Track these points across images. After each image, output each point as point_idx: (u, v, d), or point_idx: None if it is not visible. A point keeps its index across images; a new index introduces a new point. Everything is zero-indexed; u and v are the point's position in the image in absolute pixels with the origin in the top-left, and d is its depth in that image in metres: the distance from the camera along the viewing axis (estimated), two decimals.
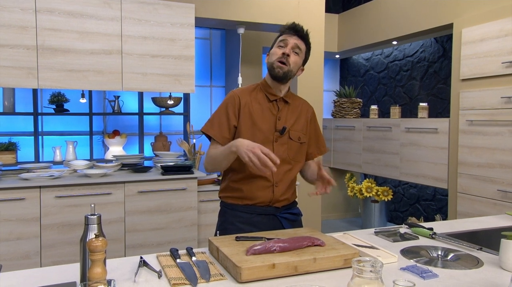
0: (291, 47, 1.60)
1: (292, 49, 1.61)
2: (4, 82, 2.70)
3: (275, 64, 1.60)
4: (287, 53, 1.58)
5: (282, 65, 1.59)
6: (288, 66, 1.59)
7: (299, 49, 1.62)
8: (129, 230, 2.97)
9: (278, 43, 1.63)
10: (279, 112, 1.66)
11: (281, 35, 1.64)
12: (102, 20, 2.90)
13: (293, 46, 1.61)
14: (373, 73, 5.33)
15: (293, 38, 1.61)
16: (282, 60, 1.58)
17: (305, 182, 3.65)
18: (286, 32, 1.62)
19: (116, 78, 2.98)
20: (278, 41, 1.64)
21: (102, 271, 1.10)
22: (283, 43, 1.62)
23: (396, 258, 1.36)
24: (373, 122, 4.51)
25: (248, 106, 1.63)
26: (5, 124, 3.59)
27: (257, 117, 1.62)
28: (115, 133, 3.82)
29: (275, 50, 1.63)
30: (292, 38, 1.61)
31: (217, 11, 3.31)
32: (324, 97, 5.70)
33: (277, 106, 1.66)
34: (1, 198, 2.62)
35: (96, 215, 1.16)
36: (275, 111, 1.65)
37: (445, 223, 1.92)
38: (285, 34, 1.63)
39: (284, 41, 1.61)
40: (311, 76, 3.74)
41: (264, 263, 1.22)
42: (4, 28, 2.67)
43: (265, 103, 1.65)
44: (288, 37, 1.61)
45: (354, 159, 4.78)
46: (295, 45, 1.61)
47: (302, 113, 1.72)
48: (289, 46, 1.60)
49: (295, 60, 1.62)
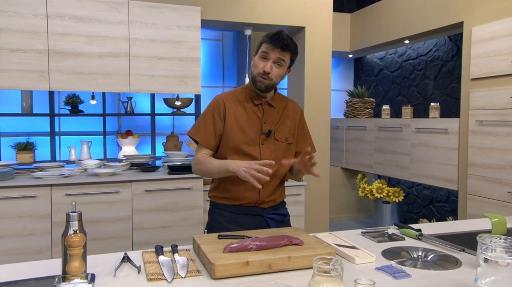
0: (273, 61, 1.58)
1: (275, 62, 1.58)
2: (18, 84, 2.84)
3: (257, 78, 1.60)
4: (268, 71, 1.57)
5: (264, 79, 1.59)
6: (270, 81, 1.60)
7: (282, 61, 1.59)
8: (136, 228, 3.06)
9: (260, 54, 1.60)
10: (264, 115, 1.67)
11: (264, 42, 1.59)
12: (110, 24, 3.01)
13: (275, 60, 1.58)
14: (387, 72, 5.27)
15: (275, 51, 1.56)
16: (263, 76, 1.59)
17: (313, 184, 3.69)
18: (269, 42, 1.57)
19: (124, 80, 3.08)
20: (260, 51, 1.60)
21: (80, 265, 1.16)
22: (265, 55, 1.58)
23: (374, 258, 1.37)
24: (384, 122, 4.46)
25: (233, 110, 1.66)
26: (23, 124, 3.75)
27: (242, 121, 1.65)
28: (127, 133, 3.93)
29: (257, 62, 1.60)
30: (274, 52, 1.56)
31: (223, 13, 3.37)
32: (338, 97, 5.68)
33: (262, 109, 1.68)
34: (14, 195, 2.76)
35: (77, 212, 1.23)
36: (260, 115, 1.67)
37: (437, 224, 1.91)
38: (267, 44, 1.57)
39: (266, 53, 1.58)
40: (318, 76, 3.74)
41: (238, 260, 1.26)
42: (18, 34, 2.80)
43: (250, 106, 1.67)
44: (270, 49, 1.57)
45: (366, 160, 4.74)
46: (277, 59, 1.58)
47: (289, 114, 1.73)
48: (271, 60, 1.57)
49: (278, 72, 1.60)
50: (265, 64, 1.58)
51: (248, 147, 1.64)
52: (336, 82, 5.73)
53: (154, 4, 3.11)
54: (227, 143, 1.65)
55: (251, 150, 1.64)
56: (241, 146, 1.63)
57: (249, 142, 1.64)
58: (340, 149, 5.20)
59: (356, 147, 4.91)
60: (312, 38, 3.69)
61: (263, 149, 1.65)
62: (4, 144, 3.60)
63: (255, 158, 1.64)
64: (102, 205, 2.97)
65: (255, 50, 1.67)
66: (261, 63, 1.59)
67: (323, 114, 3.80)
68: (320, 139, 3.80)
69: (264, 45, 1.60)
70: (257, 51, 1.65)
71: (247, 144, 1.64)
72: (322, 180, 3.84)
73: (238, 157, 1.63)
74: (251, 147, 1.64)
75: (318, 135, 3.78)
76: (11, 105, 3.61)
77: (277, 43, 1.56)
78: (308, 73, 3.71)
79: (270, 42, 1.57)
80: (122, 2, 3.02)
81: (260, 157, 1.64)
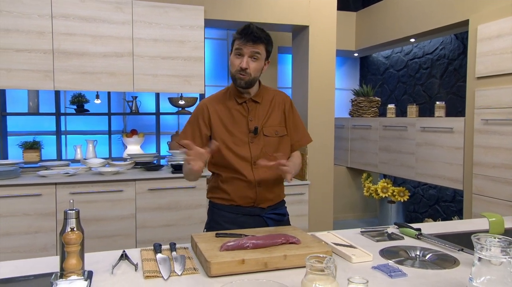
0: (248, 56, 1.57)
1: (250, 57, 1.57)
2: (23, 84, 2.88)
3: (236, 75, 1.59)
4: (244, 66, 1.56)
5: (242, 76, 1.58)
6: (249, 76, 1.59)
7: (257, 54, 1.58)
8: (140, 226, 3.09)
9: (234, 51, 1.59)
10: (249, 113, 1.67)
11: (236, 39, 1.58)
12: (114, 24, 3.03)
13: (250, 54, 1.57)
14: (393, 71, 5.24)
15: (248, 46, 1.55)
16: (241, 73, 1.58)
17: (317, 183, 3.68)
18: (240, 38, 1.56)
19: (128, 79, 3.10)
20: (234, 49, 1.59)
21: (77, 262, 1.18)
22: (239, 51, 1.57)
23: (371, 257, 1.37)
24: (389, 121, 4.44)
25: (218, 113, 1.66)
26: (30, 124, 3.80)
27: (228, 122, 1.65)
28: (132, 132, 3.95)
29: (233, 60, 1.60)
30: (247, 46, 1.55)
31: (227, 13, 3.37)
32: (343, 96, 5.66)
33: (247, 107, 1.67)
34: (20, 194, 2.80)
35: (75, 210, 1.25)
36: (245, 113, 1.67)
37: (438, 224, 1.90)
38: (239, 40, 1.56)
39: (239, 50, 1.57)
40: (322, 75, 3.73)
41: (233, 258, 1.26)
42: (23, 34, 2.84)
43: (234, 106, 1.67)
44: (242, 45, 1.56)
45: (371, 159, 4.72)
46: (252, 53, 1.57)
47: (276, 106, 1.71)
48: (246, 56, 1.56)
49: (255, 66, 1.59)
50: (241, 61, 1.57)
51: (237, 147, 1.64)
52: (341, 81, 5.71)
53: (158, 4, 3.13)
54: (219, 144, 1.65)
55: (241, 150, 1.64)
56: (231, 147, 1.64)
57: (238, 143, 1.64)
58: (345, 148, 5.18)
59: (361, 146, 4.89)
60: (316, 37, 3.68)
61: (252, 147, 1.65)
62: (11, 143, 3.65)
63: (246, 158, 1.64)
64: (106, 203, 2.99)
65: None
66: (237, 60, 1.58)
67: (327, 113, 3.79)
68: (324, 138, 3.79)
69: (236, 42, 1.58)
70: (231, 49, 1.63)
71: (236, 145, 1.64)
72: (326, 179, 3.83)
73: (231, 157, 1.64)
74: (240, 147, 1.64)
75: (322, 134, 3.78)
76: (18, 104, 3.66)
77: (248, 37, 1.54)
78: (312, 72, 3.70)
79: (241, 38, 1.55)
80: (126, 2, 3.05)
81: (250, 155, 1.64)
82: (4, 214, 2.77)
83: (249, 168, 1.64)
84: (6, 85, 2.86)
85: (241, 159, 1.64)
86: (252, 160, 1.64)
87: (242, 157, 1.64)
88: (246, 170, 1.63)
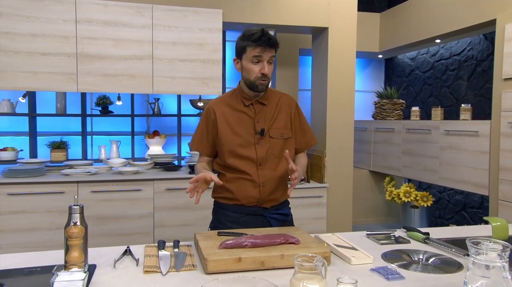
0: (267, 62, 1.58)
1: (268, 62, 1.59)
2: (49, 86, 3.01)
3: (257, 82, 1.61)
4: (267, 72, 1.58)
5: (263, 81, 1.61)
6: (268, 79, 1.62)
7: (273, 58, 1.61)
8: (157, 225, 3.15)
9: (251, 59, 1.58)
10: (256, 114, 1.68)
11: (251, 46, 1.57)
12: (134, 27, 3.12)
13: (268, 59, 1.59)
14: (418, 73, 5.12)
15: (267, 52, 1.57)
16: (263, 79, 1.60)
17: (336, 186, 3.64)
18: (258, 45, 1.56)
19: (147, 81, 3.18)
20: (252, 57, 1.58)
21: (79, 256, 1.23)
22: (258, 59, 1.58)
23: (371, 260, 1.35)
24: (412, 124, 4.33)
25: (224, 115, 1.68)
26: (58, 124, 3.97)
27: (235, 124, 1.67)
28: (155, 133, 4.05)
29: (251, 67, 1.59)
30: (266, 52, 1.57)
31: (245, 15, 3.40)
32: (367, 98, 5.57)
33: (253, 109, 1.69)
34: (44, 191, 2.92)
35: (79, 205, 1.30)
36: (252, 114, 1.68)
37: (450, 229, 1.84)
38: (257, 47, 1.56)
39: (259, 57, 1.57)
40: (342, 77, 3.69)
41: (230, 256, 1.28)
42: (49, 39, 2.97)
43: (241, 108, 1.69)
44: (262, 52, 1.56)
45: (393, 163, 4.62)
46: (270, 58, 1.59)
47: (282, 108, 1.72)
48: (265, 62, 1.58)
49: (271, 69, 1.62)
50: (261, 67, 1.58)
51: (243, 149, 1.66)
52: (365, 83, 5.63)
53: (177, 7, 3.20)
54: (223, 147, 1.68)
55: (247, 152, 1.66)
56: (236, 149, 1.66)
57: (244, 144, 1.66)
58: (368, 151, 5.10)
59: (384, 149, 4.80)
60: (335, 39, 3.65)
61: (258, 148, 1.66)
62: (40, 143, 3.82)
63: (252, 159, 1.66)
64: (125, 202, 3.07)
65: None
66: (256, 67, 1.59)
67: (346, 116, 3.74)
68: (344, 141, 3.75)
69: (251, 49, 1.57)
70: (240, 54, 1.63)
71: (242, 146, 1.66)
72: (345, 182, 3.78)
73: (236, 159, 1.66)
74: (246, 148, 1.66)
75: (341, 136, 3.74)
76: (47, 106, 3.83)
77: (266, 43, 1.56)
78: (331, 74, 3.67)
79: (260, 45, 1.56)
80: (146, 6, 3.13)
81: (256, 157, 1.66)
82: (29, 210, 2.90)
83: (255, 168, 1.66)
84: (32, 87, 3.00)
85: (246, 160, 1.65)
86: (258, 161, 1.66)
87: (248, 158, 1.65)
88: (251, 170, 1.65)
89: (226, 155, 1.67)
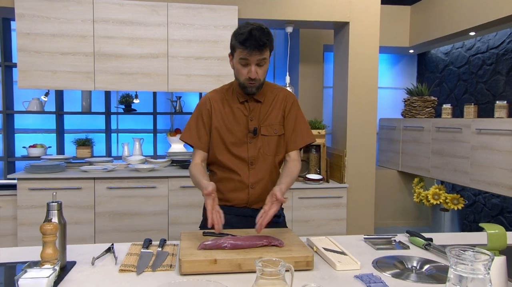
0: (255, 65, 1.49)
1: (257, 64, 1.50)
2: (68, 85, 3.09)
3: (245, 84, 1.54)
4: (254, 77, 1.50)
5: (252, 84, 1.53)
6: (258, 82, 1.54)
7: (263, 60, 1.51)
8: (172, 222, 3.16)
9: (239, 60, 1.51)
10: (251, 112, 1.62)
11: (239, 48, 1.48)
12: (150, 26, 3.14)
13: (257, 62, 1.49)
14: (453, 68, 4.84)
15: (253, 55, 1.46)
16: (251, 82, 1.53)
17: (356, 186, 3.50)
18: (244, 48, 1.46)
19: (162, 79, 3.20)
20: (238, 58, 1.50)
21: (53, 253, 1.22)
22: (245, 62, 1.49)
23: (358, 266, 1.26)
24: (442, 123, 4.10)
25: (220, 110, 1.62)
26: (84, 122, 4.09)
27: (229, 121, 1.61)
28: (176, 131, 4.08)
29: (239, 69, 1.52)
30: (252, 56, 1.46)
31: (262, 11, 3.33)
32: (398, 96, 5.35)
33: (248, 106, 1.63)
34: (62, 187, 3.01)
35: (57, 202, 1.30)
36: (246, 112, 1.62)
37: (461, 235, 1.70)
38: (242, 50, 1.46)
39: (246, 60, 1.48)
40: (364, 74, 3.54)
41: (206, 258, 1.23)
42: (68, 38, 3.05)
43: (236, 104, 1.63)
44: (248, 55, 1.46)
45: (422, 163, 4.39)
46: (258, 61, 1.49)
47: (276, 104, 1.64)
48: (253, 65, 1.49)
49: (263, 71, 1.54)
50: (248, 70, 1.50)
51: (235, 147, 1.60)
52: (397, 80, 5.41)
53: (192, 5, 3.19)
54: (216, 143, 1.62)
55: (239, 151, 1.60)
56: (229, 147, 1.61)
57: (237, 142, 1.60)
58: (397, 151, 4.88)
59: (413, 149, 4.57)
60: (356, 34, 3.50)
61: (250, 147, 1.60)
62: (67, 140, 3.95)
63: (243, 158, 1.60)
64: (140, 199, 3.11)
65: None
66: (244, 70, 1.51)
67: (368, 114, 3.59)
68: (365, 140, 3.60)
69: (239, 51, 1.49)
70: (232, 52, 1.56)
71: (235, 145, 1.60)
72: (367, 182, 3.64)
73: (227, 157, 1.61)
74: (238, 147, 1.60)
75: (363, 135, 3.59)
76: (74, 104, 3.95)
77: (253, 47, 1.44)
78: (352, 71, 3.53)
79: (245, 48, 1.45)
80: (161, 4, 3.15)
81: (247, 156, 1.60)
82: None
83: (246, 168, 1.60)
84: (52, 86, 3.09)
85: (237, 159, 1.60)
86: (249, 160, 1.60)
87: (239, 157, 1.60)
88: (242, 171, 1.60)
89: (219, 151, 1.62)
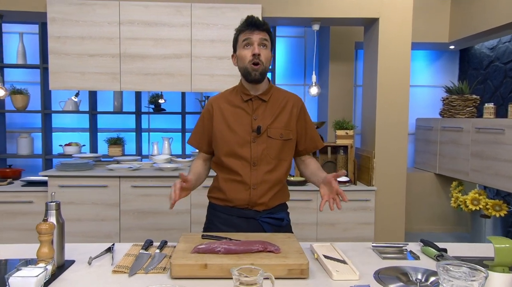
0: (257, 43, 1.53)
1: (259, 44, 1.53)
2: (94, 85, 3.19)
3: (249, 67, 1.53)
4: (258, 52, 1.51)
5: (256, 66, 1.52)
6: (262, 65, 1.53)
7: (266, 41, 1.54)
8: (194, 221, 3.17)
9: (242, 44, 1.55)
10: (254, 111, 1.58)
11: (240, 33, 1.56)
12: (174, 27, 3.17)
13: (259, 41, 1.53)
14: (499, 64, 4.52)
15: (256, 34, 1.52)
16: (255, 61, 1.52)
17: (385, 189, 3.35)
18: (246, 30, 1.54)
19: (186, 80, 3.21)
20: (241, 42, 1.56)
21: (48, 252, 1.24)
22: (247, 42, 1.53)
23: (357, 276, 1.18)
24: (483, 123, 3.83)
25: (221, 110, 1.60)
26: (116, 121, 4.21)
27: (231, 120, 1.58)
28: None
29: (243, 53, 1.55)
30: (254, 34, 1.52)
31: (286, 9, 3.26)
32: (437, 94, 5.08)
33: (252, 105, 1.59)
34: (90, 184, 3.10)
35: (55, 202, 1.31)
36: (250, 111, 1.58)
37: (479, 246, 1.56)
38: (245, 32, 1.54)
39: (248, 39, 1.53)
40: (395, 72, 3.38)
41: (197, 262, 1.20)
42: (96, 40, 3.14)
43: (240, 104, 1.60)
44: (249, 35, 1.53)
45: (461, 166, 4.14)
46: (261, 40, 1.53)
47: (285, 108, 1.60)
48: (256, 43, 1.52)
49: (266, 54, 1.54)
50: (252, 49, 1.53)
51: (238, 147, 1.56)
52: (437, 77, 5.15)
53: (215, 5, 3.18)
54: (219, 146, 1.60)
55: (242, 151, 1.56)
56: (233, 148, 1.57)
57: (241, 142, 1.56)
58: (434, 152, 4.63)
59: (452, 150, 4.32)
60: (387, 30, 3.35)
61: (253, 147, 1.56)
62: (100, 139, 4.09)
63: (246, 158, 1.56)
64: (164, 197, 3.15)
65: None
66: (247, 51, 1.54)
67: (399, 114, 3.43)
68: (395, 142, 3.44)
69: (241, 36, 1.56)
70: (234, 48, 1.61)
71: (239, 145, 1.56)
72: (397, 185, 3.47)
73: (229, 158, 1.58)
74: (241, 146, 1.56)
75: (393, 136, 3.43)
76: (107, 103, 4.08)
77: (254, 26, 1.53)
78: (381, 69, 3.38)
79: (247, 28, 1.53)
80: (185, 5, 3.16)
81: (250, 156, 1.56)
82: (76, 201, 3.09)
83: (248, 169, 1.56)
84: (81, 87, 3.19)
85: (240, 159, 1.56)
86: (252, 161, 1.55)
87: (241, 157, 1.56)
88: (244, 171, 1.56)
89: (221, 152, 1.59)
